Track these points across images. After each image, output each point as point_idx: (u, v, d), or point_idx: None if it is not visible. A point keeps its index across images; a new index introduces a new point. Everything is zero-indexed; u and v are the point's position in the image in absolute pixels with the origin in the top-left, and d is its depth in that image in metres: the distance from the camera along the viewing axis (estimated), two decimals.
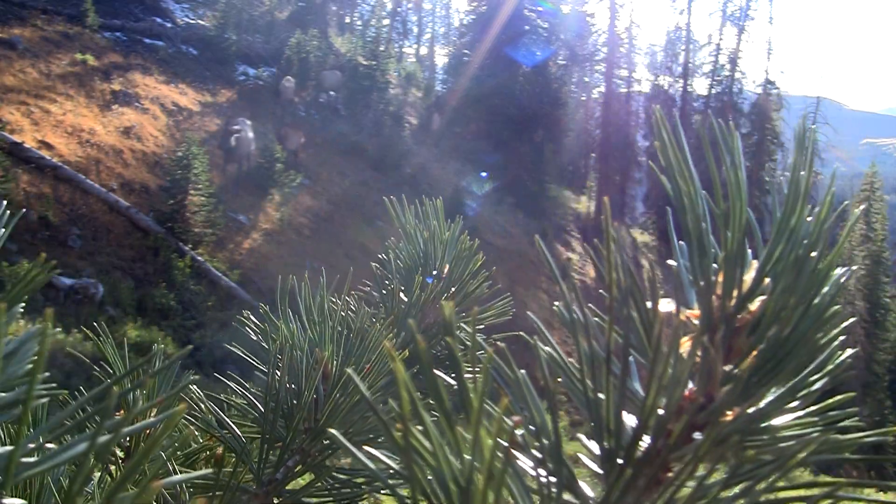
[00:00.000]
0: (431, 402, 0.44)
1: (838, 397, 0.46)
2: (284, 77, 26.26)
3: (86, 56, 21.80)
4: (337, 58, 31.16)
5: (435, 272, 1.17)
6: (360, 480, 0.86)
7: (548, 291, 27.19)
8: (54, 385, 0.54)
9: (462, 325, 0.86)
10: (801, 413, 0.44)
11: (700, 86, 43.36)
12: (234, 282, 17.54)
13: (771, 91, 41.85)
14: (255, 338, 0.98)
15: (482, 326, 1.13)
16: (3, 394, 0.47)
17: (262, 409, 0.87)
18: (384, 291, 1.14)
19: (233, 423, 0.97)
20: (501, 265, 22.18)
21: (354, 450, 0.48)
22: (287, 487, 0.85)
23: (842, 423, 0.44)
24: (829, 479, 0.44)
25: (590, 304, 0.47)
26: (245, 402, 0.93)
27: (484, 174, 28.84)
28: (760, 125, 39.69)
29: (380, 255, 1.27)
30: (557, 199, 34.69)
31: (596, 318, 0.47)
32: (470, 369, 0.43)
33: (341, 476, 0.88)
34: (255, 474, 0.85)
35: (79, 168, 17.16)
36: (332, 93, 28.73)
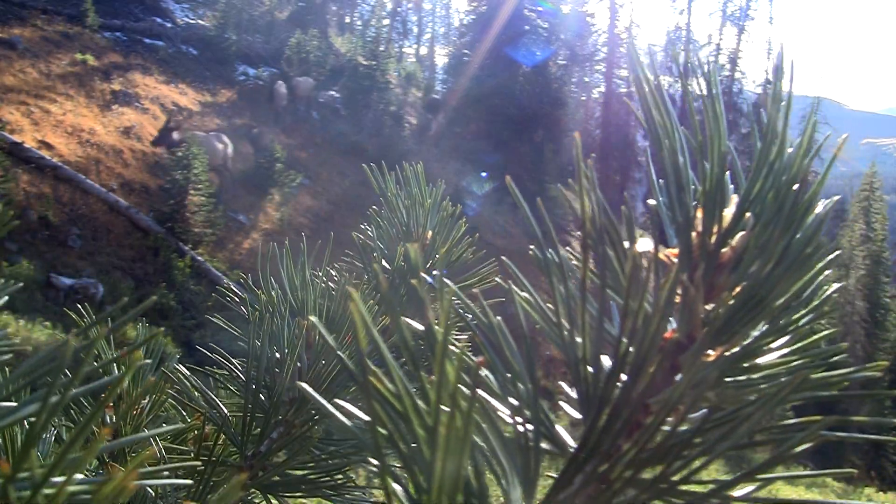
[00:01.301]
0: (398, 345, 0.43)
1: (823, 333, 0.44)
2: (277, 81, 25.84)
3: (86, 56, 21.79)
4: (337, 58, 31.16)
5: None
6: (348, 451, 0.85)
7: (548, 292, 27.13)
8: (16, 342, 0.53)
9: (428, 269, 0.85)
10: (785, 351, 0.43)
11: (700, 86, 43.26)
12: (234, 282, 17.52)
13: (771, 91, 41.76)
14: (236, 310, 0.97)
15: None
16: None
17: (244, 380, 0.85)
18: (367, 262, 1.13)
19: (221, 402, 0.95)
20: (501, 265, 22.09)
21: (324, 401, 0.46)
22: (272, 460, 0.84)
23: (830, 359, 0.42)
24: (832, 470, 0.43)
25: (568, 248, 0.46)
26: (227, 373, 0.91)
27: (484, 174, 28.82)
28: (760, 124, 39.63)
29: (362, 225, 1.26)
30: (557, 199, 34.65)
31: (573, 261, 0.46)
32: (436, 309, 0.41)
33: (327, 447, 0.86)
34: (238, 447, 0.83)
35: (79, 168, 17.15)
36: (331, 93, 28.71)
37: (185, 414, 1.10)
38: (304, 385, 0.44)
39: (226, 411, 0.86)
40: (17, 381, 0.44)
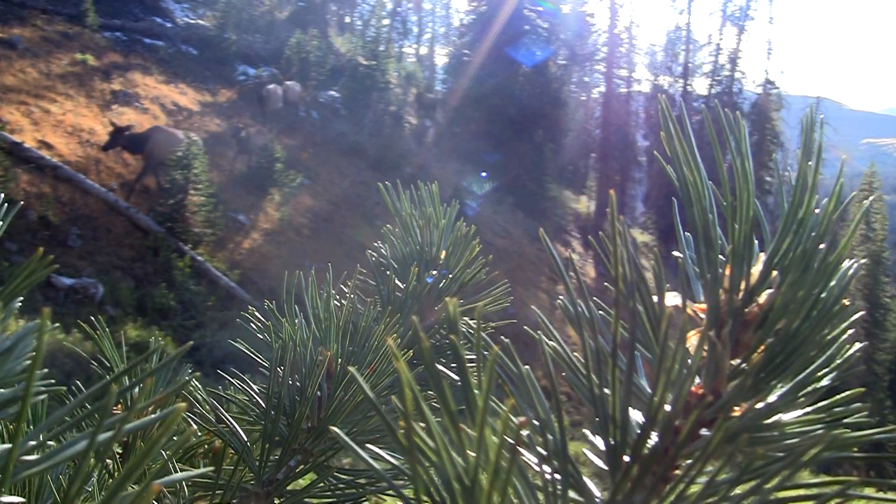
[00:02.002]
0: (434, 401, 0.44)
1: (845, 393, 0.45)
2: (265, 86, 25.05)
3: (86, 56, 21.78)
4: (337, 58, 31.14)
5: (435, 272, 1.16)
6: (362, 481, 0.85)
7: (548, 291, 27.17)
8: (53, 381, 0.53)
9: (466, 320, 0.85)
10: (808, 409, 0.43)
11: (700, 86, 43.36)
12: (233, 282, 17.53)
13: (771, 91, 41.85)
14: (260, 336, 0.98)
15: (488, 327, 1.13)
16: (2, 390, 0.47)
17: (265, 406, 0.86)
18: (380, 279, 1.13)
19: (233, 419, 0.96)
20: (502, 265, 22.16)
21: (357, 448, 0.47)
22: (288, 488, 0.85)
23: (848, 419, 0.43)
24: (831, 477, 0.44)
25: (594, 298, 0.46)
26: (247, 398, 0.92)
27: (484, 174, 28.82)
28: (760, 125, 39.67)
29: (376, 243, 1.26)
30: (557, 199, 34.67)
31: (601, 312, 0.46)
32: (473, 366, 0.42)
33: (344, 476, 0.87)
34: (255, 473, 0.84)
35: (79, 168, 17.14)
36: (331, 93, 28.69)
37: (198, 432, 1.11)
38: (337, 430, 0.45)
39: (244, 437, 0.87)
40: (58, 422, 0.45)
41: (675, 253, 0.47)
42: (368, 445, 0.48)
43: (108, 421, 0.43)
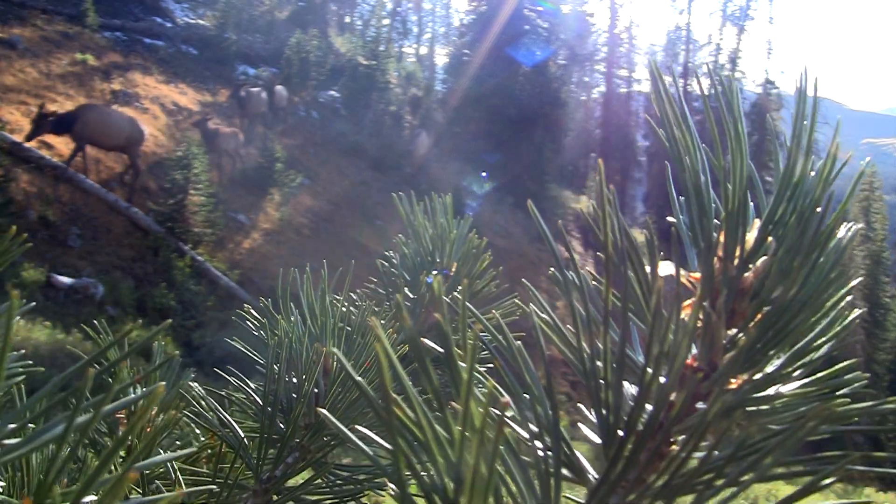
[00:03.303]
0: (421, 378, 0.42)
1: (843, 364, 0.44)
2: (242, 86, 23.61)
3: (86, 56, 21.78)
4: (337, 58, 31.14)
5: (436, 272, 1.15)
6: (360, 477, 0.84)
7: (548, 291, 27.16)
8: (30, 363, 0.52)
9: (455, 295, 0.84)
10: (806, 381, 0.42)
11: (700, 85, 43.34)
12: (233, 281, 17.53)
13: (771, 91, 41.86)
14: (256, 333, 0.97)
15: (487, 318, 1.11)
16: None
17: (262, 404, 0.85)
18: (390, 289, 1.13)
19: (234, 420, 0.95)
20: (502, 265, 22.09)
21: (341, 426, 0.46)
22: (286, 484, 0.84)
23: (848, 389, 0.42)
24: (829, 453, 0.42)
25: (585, 268, 0.45)
26: (244, 396, 0.91)
27: (484, 174, 28.82)
28: (761, 125, 39.68)
29: (386, 253, 1.26)
30: (557, 199, 34.67)
31: (592, 283, 0.45)
32: (460, 342, 0.41)
33: (341, 472, 0.86)
34: (253, 471, 0.83)
35: (79, 168, 17.14)
36: (331, 93, 28.68)
37: (199, 432, 1.10)
38: (324, 411, 0.44)
39: (241, 434, 0.86)
40: (35, 405, 0.44)
41: (669, 218, 0.46)
42: (358, 427, 0.47)
43: (87, 402, 0.42)
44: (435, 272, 1.16)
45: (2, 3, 21.96)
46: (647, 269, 0.43)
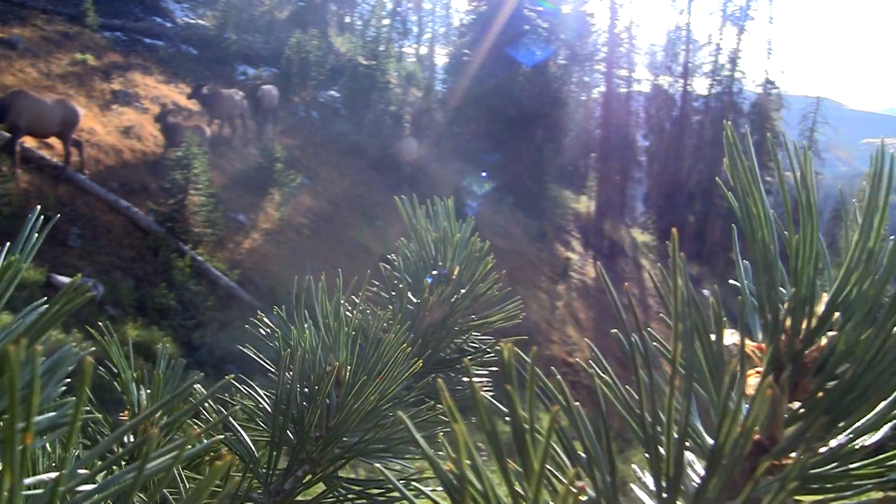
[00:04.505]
0: (484, 446, 0.42)
1: None
2: (205, 85, 21.31)
3: (86, 56, 21.77)
4: (337, 58, 31.12)
5: (435, 272, 1.15)
6: (374, 492, 0.84)
7: (548, 291, 27.16)
8: (88, 408, 0.52)
9: (522, 359, 0.84)
10: (866, 462, 0.41)
11: (700, 86, 43.39)
12: (233, 281, 17.52)
13: (771, 91, 41.87)
14: (271, 344, 0.96)
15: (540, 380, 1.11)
16: (42, 416, 0.46)
17: (272, 414, 0.85)
18: (392, 292, 1.12)
19: (239, 425, 0.95)
20: (502, 265, 22.08)
21: (420, 439, 0.46)
22: (298, 499, 0.83)
23: None
24: None
25: (648, 329, 0.45)
26: (253, 403, 0.91)
27: (484, 174, 28.81)
28: (760, 125, 39.68)
29: (389, 256, 1.25)
30: (557, 199, 34.67)
31: (655, 344, 0.45)
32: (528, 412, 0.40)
33: (354, 487, 0.86)
34: (262, 483, 0.82)
35: (78, 168, 17.13)
36: (331, 93, 28.67)
37: (203, 437, 1.10)
38: (403, 415, 0.44)
39: (252, 446, 0.86)
40: (108, 450, 0.44)
41: (732, 281, 0.46)
42: (377, 465, 0.47)
43: (153, 454, 0.42)
44: (435, 272, 1.16)
45: (2, 3, 21.94)
46: (713, 338, 0.42)
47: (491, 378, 1.05)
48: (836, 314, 0.41)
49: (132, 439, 1.10)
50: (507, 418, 0.39)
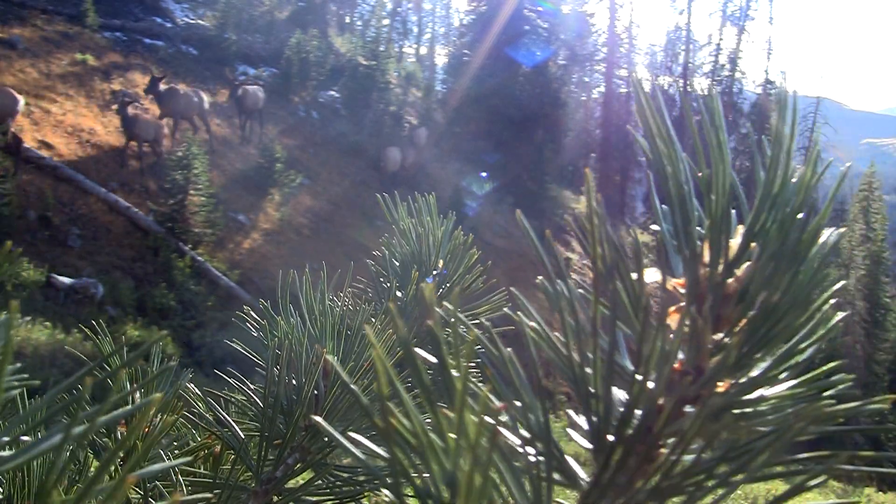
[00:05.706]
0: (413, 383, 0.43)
1: (829, 364, 0.45)
2: (161, 79, 19.41)
3: (86, 56, 21.80)
4: (337, 58, 31.15)
5: (435, 272, 1.16)
6: (361, 478, 0.85)
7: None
8: (26, 376, 0.53)
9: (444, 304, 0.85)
10: (793, 382, 0.43)
11: (700, 86, 43.39)
12: (233, 281, 17.54)
13: (771, 91, 41.88)
14: (255, 334, 0.98)
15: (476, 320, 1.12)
16: None
17: (262, 406, 0.86)
18: (379, 289, 1.14)
19: (232, 420, 0.96)
20: (501, 265, 22.16)
21: (336, 433, 0.47)
22: (286, 486, 0.84)
23: (836, 390, 0.43)
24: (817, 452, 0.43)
25: (573, 277, 0.46)
26: (244, 398, 0.92)
27: (484, 174, 28.83)
28: (760, 125, 39.69)
29: (375, 253, 1.27)
30: (557, 199, 34.67)
31: (580, 290, 0.46)
32: (453, 350, 0.41)
33: (342, 473, 0.87)
34: (253, 472, 0.84)
35: (79, 168, 17.16)
36: (331, 93, 28.68)
37: (195, 433, 1.11)
38: (319, 419, 0.45)
39: (242, 435, 0.87)
40: (34, 415, 0.45)
41: (653, 226, 0.47)
42: (350, 433, 0.47)
43: (84, 413, 0.42)
44: (435, 272, 1.17)
45: (2, 3, 21.97)
46: (634, 276, 0.44)
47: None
48: (753, 244, 0.43)
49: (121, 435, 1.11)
50: (433, 357, 0.40)
